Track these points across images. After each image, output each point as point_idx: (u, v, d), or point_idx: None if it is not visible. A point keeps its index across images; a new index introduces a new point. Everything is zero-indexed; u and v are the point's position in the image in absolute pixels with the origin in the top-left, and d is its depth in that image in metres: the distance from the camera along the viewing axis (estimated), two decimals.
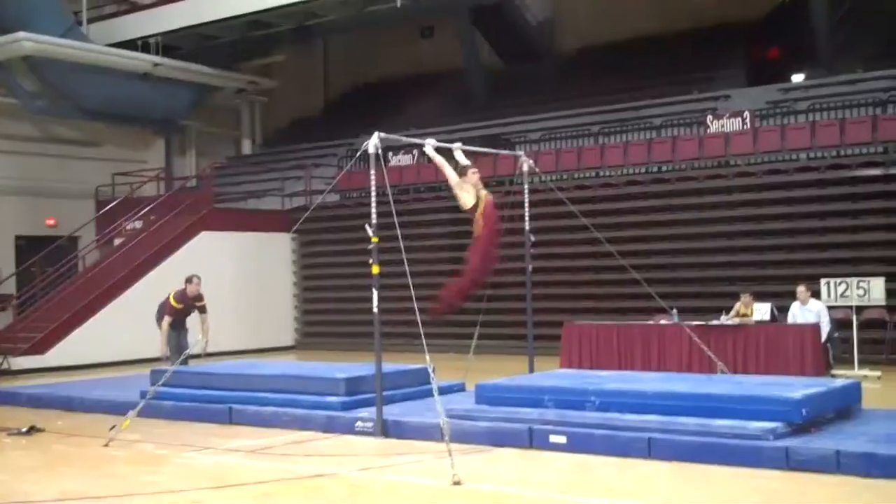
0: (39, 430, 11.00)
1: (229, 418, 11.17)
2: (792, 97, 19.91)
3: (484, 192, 10.97)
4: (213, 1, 24.00)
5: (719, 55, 23.45)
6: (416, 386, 11.25)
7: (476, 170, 11.12)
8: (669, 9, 26.08)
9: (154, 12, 25.25)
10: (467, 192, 10.90)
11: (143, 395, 11.25)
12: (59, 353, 18.80)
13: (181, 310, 13.73)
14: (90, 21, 25.20)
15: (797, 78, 21.21)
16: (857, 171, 16.92)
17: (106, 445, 9.94)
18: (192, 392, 11.83)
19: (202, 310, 13.79)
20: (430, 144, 11.27)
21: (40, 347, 18.80)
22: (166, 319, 13.57)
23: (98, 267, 21.27)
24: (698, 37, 24.68)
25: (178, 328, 13.80)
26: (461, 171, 11.05)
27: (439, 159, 11.16)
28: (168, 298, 13.77)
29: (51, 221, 24.39)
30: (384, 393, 10.10)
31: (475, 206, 10.85)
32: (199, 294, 13.79)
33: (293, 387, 11.27)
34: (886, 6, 22.82)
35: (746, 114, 18.38)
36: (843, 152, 17.37)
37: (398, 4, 21.17)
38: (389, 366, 10.92)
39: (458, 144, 11.57)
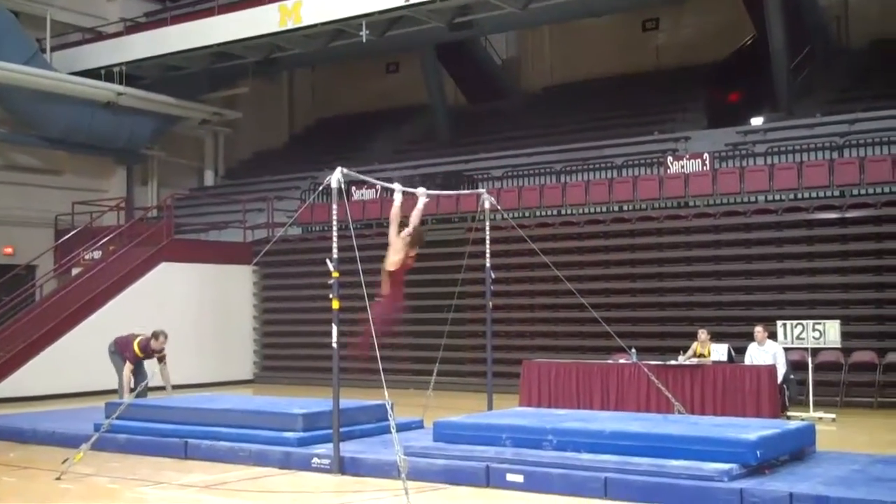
0: None
1: (184, 453, 11.06)
2: (751, 140, 20.21)
3: (412, 254, 11.04)
4: (177, 31, 23.91)
5: (680, 97, 23.83)
6: (375, 422, 11.25)
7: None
8: (632, 51, 26.49)
9: (118, 42, 25.13)
10: (397, 252, 10.97)
11: (97, 427, 11.12)
12: (14, 384, 18.48)
13: (143, 358, 13.99)
14: (54, 49, 25.04)
15: (756, 121, 21.51)
16: (814, 215, 17.13)
17: (58, 479, 9.82)
18: (147, 425, 11.69)
19: (161, 360, 14.00)
20: (398, 190, 11.34)
21: None
22: (128, 366, 13.83)
23: (56, 296, 21.00)
24: (660, 79, 25.08)
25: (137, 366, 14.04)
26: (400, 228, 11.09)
27: (395, 212, 11.21)
28: (132, 343, 13.96)
29: (8, 249, 24.11)
30: (342, 429, 10.06)
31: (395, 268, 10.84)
32: (163, 348, 13.98)
33: (250, 422, 11.18)
34: (844, 52, 23.34)
35: (706, 155, 18.58)
36: (800, 195, 17.58)
37: (364, 40, 21.23)
38: (348, 402, 10.90)
39: (421, 190, 11.67)
